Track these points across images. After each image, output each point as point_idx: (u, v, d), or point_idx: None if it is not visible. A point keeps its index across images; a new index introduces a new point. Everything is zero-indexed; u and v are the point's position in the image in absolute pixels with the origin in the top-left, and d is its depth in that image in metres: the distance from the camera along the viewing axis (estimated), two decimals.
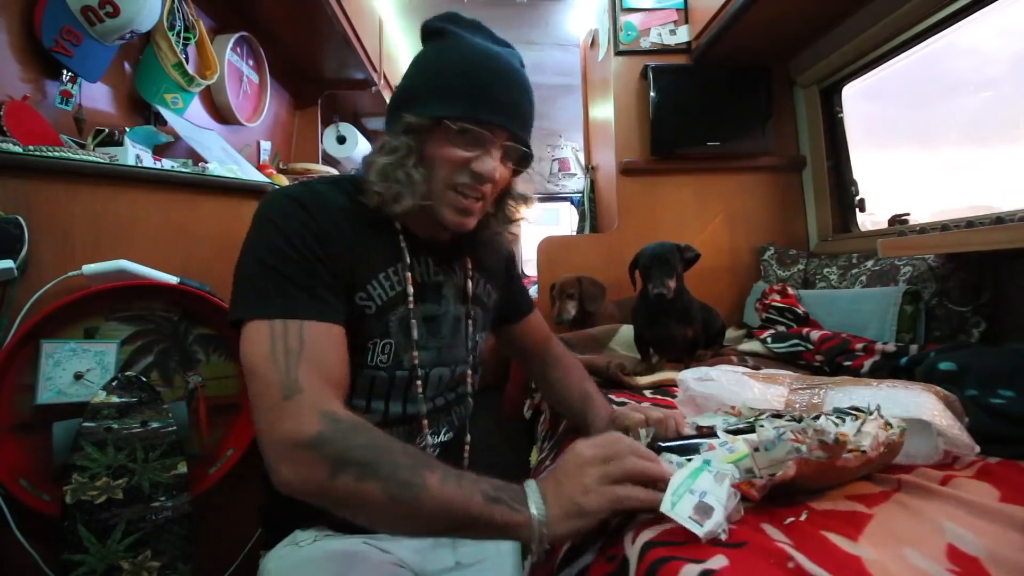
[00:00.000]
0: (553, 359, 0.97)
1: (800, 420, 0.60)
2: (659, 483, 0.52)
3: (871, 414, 0.61)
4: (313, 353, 0.57)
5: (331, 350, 0.60)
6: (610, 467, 0.52)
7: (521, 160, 0.74)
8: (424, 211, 0.69)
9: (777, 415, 0.66)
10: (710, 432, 0.64)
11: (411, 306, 0.71)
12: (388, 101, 0.75)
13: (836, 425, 0.57)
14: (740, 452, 0.57)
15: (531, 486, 0.53)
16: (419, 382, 0.72)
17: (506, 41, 0.75)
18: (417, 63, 0.71)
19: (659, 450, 0.62)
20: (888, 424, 0.60)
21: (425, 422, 0.74)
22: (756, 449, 0.55)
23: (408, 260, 0.72)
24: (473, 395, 0.83)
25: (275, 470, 0.52)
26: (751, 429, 0.62)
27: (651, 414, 0.72)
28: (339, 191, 0.70)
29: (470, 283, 0.80)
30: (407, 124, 0.67)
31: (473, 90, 0.66)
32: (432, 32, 0.73)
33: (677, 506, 0.50)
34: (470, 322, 0.80)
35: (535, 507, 0.50)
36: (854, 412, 0.62)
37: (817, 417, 0.60)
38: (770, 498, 0.55)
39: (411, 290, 0.71)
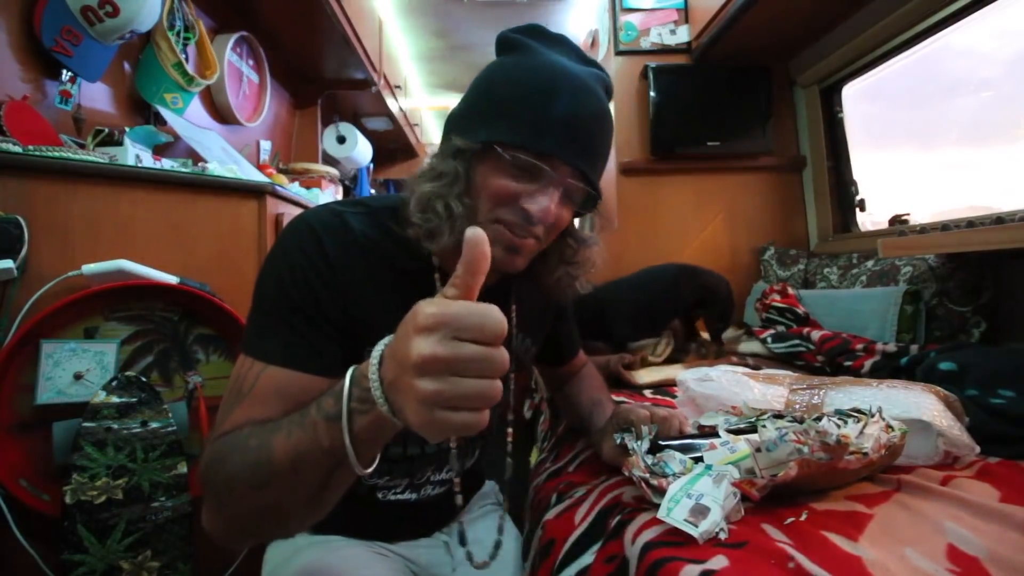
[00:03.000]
0: (575, 381, 0.95)
1: (801, 421, 0.59)
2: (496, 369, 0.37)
3: (873, 416, 0.61)
4: (257, 397, 0.53)
5: (281, 398, 0.53)
6: (446, 387, 0.35)
7: (585, 201, 0.64)
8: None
9: (778, 415, 0.66)
10: (712, 431, 0.64)
11: None
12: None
13: (838, 427, 0.57)
14: (741, 452, 0.57)
15: (373, 367, 0.40)
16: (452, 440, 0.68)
17: (594, 61, 0.65)
18: (479, 78, 0.62)
19: (661, 448, 0.62)
20: (890, 426, 0.60)
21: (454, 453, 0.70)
22: (758, 450, 0.55)
23: None
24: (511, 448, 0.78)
25: None
26: (752, 429, 0.62)
27: (656, 412, 0.70)
28: (373, 225, 0.63)
29: (512, 340, 0.72)
30: (456, 148, 0.59)
31: (533, 113, 0.56)
32: (506, 45, 0.64)
33: (673, 511, 0.50)
34: (507, 377, 0.75)
35: (379, 399, 0.39)
36: (856, 414, 0.62)
37: (819, 418, 0.60)
38: (770, 498, 0.55)
39: None
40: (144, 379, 0.92)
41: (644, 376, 1.30)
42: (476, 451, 0.81)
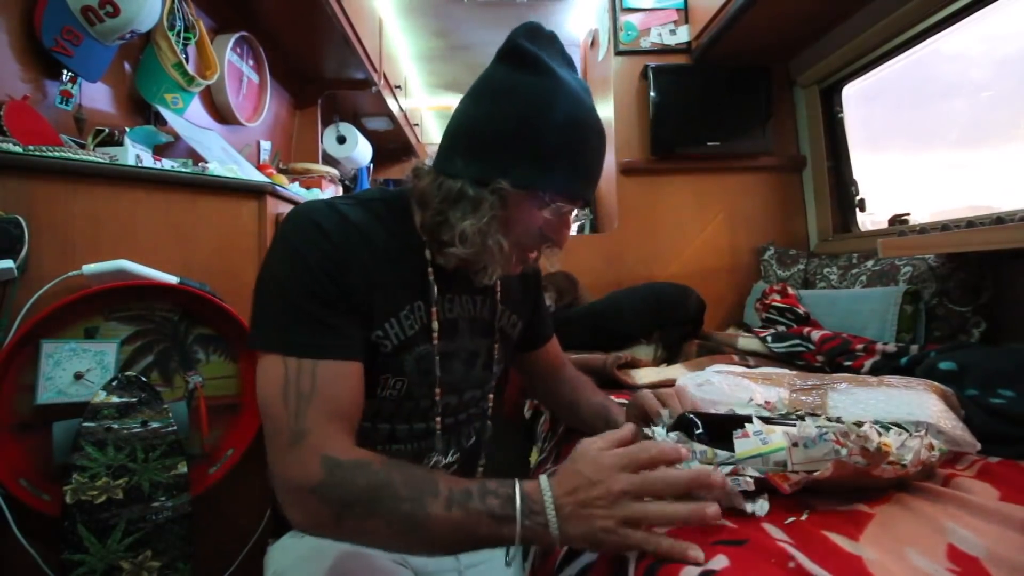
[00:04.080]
0: (564, 382, 0.95)
1: (839, 421, 0.58)
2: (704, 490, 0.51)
3: (919, 432, 0.60)
4: (324, 394, 0.57)
5: (344, 389, 0.59)
6: (642, 512, 0.48)
7: None
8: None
9: (812, 414, 0.65)
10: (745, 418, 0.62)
11: (435, 340, 0.69)
12: (458, 126, 0.66)
13: (879, 434, 0.56)
14: (775, 444, 0.55)
15: (547, 497, 0.50)
16: (438, 418, 0.72)
17: (573, 62, 0.69)
18: (510, 103, 0.62)
19: (690, 422, 0.60)
20: (932, 446, 0.59)
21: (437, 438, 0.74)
22: (795, 444, 0.54)
23: (436, 296, 0.69)
24: (491, 417, 0.83)
25: (286, 510, 0.55)
26: (776, 421, 0.60)
27: (660, 396, 0.73)
28: (369, 215, 0.66)
29: (497, 316, 0.78)
30: (499, 188, 0.61)
31: (574, 164, 0.63)
32: (528, 61, 0.63)
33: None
34: (493, 352, 0.79)
35: (552, 524, 0.49)
36: (898, 426, 0.61)
37: (861, 424, 0.58)
38: (772, 497, 0.55)
39: (435, 326, 0.69)
40: (144, 379, 0.92)
41: (643, 376, 1.30)
42: (472, 433, 0.81)
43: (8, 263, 0.82)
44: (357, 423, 0.61)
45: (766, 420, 0.60)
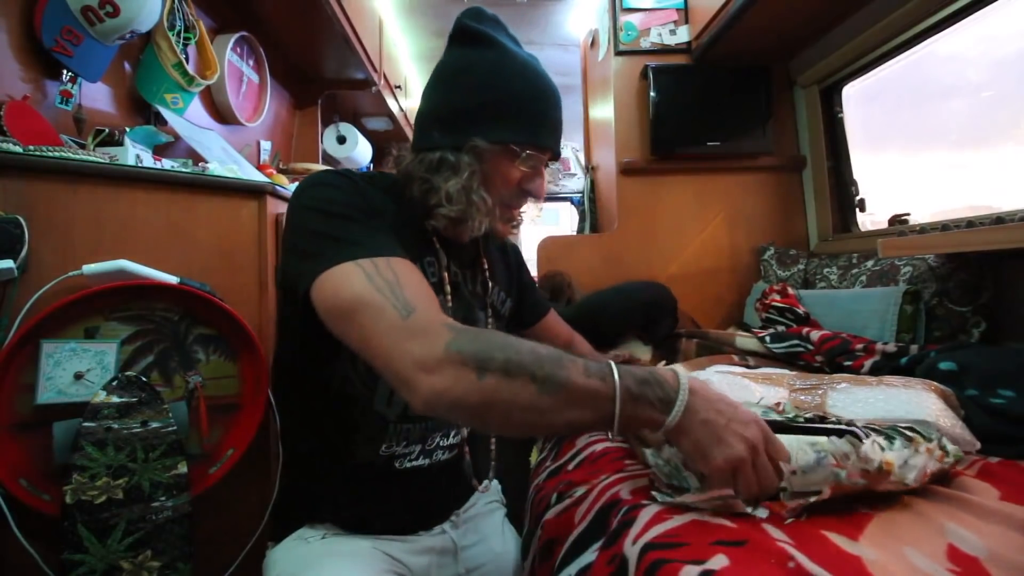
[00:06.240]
0: (571, 347, 0.98)
1: (840, 434, 0.56)
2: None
3: (931, 441, 0.57)
4: (408, 280, 0.58)
5: (421, 279, 0.61)
6: (758, 456, 0.52)
7: None
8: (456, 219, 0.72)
9: (822, 417, 0.64)
10: None
11: (449, 302, 0.74)
12: (427, 108, 0.75)
13: (882, 449, 0.54)
14: None
15: (682, 393, 0.52)
16: None
17: (518, 40, 0.77)
18: (470, 76, 0.71)
19: None
20: (945, 452, 0.57)
21: None
22: (793, 472, 0.54)
23: (445, 260, 0.75)
24: None
25: (416, 387, 0.51)
26: (790, 428, 0.59)
27: None
28: (376, 187, 0.73)
29: (489, 291, 0.84)
30: (474, 147, 0.69)
31: (537, 117, 0.71)
32: (477, 38, 0.72)
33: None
34: (488, 326, 0.83)
35: (673, 414, 0.52)
36: (911, 433, 0.58)
37: (868, 434, 0.56)
38: (771, 496, 0.55)
39: (448, 288, 0.75)
40: (144, 379, 0.92)
41: None
42: (455, 429, 0.81)
43: (8, 263, 0.82)
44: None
45: (775, 425, 0.59)
